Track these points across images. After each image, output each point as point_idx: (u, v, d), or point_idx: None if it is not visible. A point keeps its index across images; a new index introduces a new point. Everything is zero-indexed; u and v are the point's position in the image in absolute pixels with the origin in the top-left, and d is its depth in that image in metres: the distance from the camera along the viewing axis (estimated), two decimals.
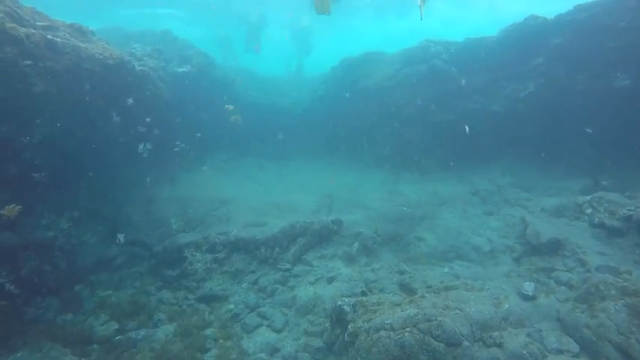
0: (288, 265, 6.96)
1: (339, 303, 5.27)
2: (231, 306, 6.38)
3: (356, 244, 7.59)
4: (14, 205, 5.56)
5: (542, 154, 9.23)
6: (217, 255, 7.13)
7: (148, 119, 7.94)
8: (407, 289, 6.07)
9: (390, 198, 9.31)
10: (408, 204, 8.89)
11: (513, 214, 7.86)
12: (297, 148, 13.33)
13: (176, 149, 9.85)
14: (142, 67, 7.80)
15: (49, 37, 5.42)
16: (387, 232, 7.93)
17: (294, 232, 7.39)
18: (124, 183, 8.47)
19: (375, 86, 11.58)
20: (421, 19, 6.45)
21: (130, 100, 7.42)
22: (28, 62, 4.96)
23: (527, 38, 9.62)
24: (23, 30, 4.98)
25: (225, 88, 12.76)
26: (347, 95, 12.46)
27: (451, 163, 10.63)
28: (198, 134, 10.95)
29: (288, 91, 15.12)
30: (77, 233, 7.30)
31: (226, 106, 10.32)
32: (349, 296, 5.68)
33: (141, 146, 8.55)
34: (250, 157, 12.72)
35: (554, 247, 5.96)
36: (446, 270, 6.55)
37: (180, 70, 10.88)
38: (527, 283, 5.25)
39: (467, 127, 10.25)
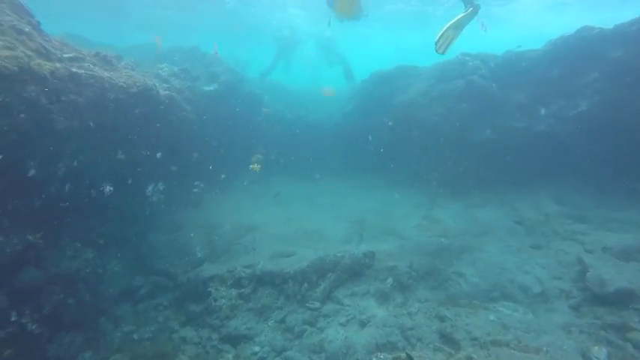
0: (317, 304, 6.50)
1: None
2: (257, 348, 5.99)
3: (390, 280, 7.03)
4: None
5: (598, 179, 8.35)
6: (243, 290, 6.77)
7: (175, 143, 7.74)
8: (449, 340, 5.46)
9: (425, 225, 8.69)
10: (445, 233, 8.24)
11: (566, 250, 7.07)
12: (326, 166, 12.92)
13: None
14: (167, 92, 7.61)
15: (73, 69, 5.25)
16: (423, 266, 7.32)
17: (324, 266, 6.93)
18: (148, 208, 8.32)
19: (408, 102, 11.00)
20: (443, 54, 5.70)
21: (157, 125, 7.24)
22: (52, 98, 4.77)
23: (579, 51, 8.77)
24: (48, 66, 4.82)
25: (253, 103, 12.55)
26: (378, 111, 11.95)
27: (491, 187, 9.90)
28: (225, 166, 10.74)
29: (317, 105, 14.76)
30: (102, 262, 7.16)
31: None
32: (385, 350, 5.15)
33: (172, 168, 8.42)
34: (277, 176, 12.41)
35: (625, 299, 5.19)
36: (492, 317, 5.88)
37: (208, 88, 10.71)
38: (596, 347, 4.53)
39: (508, 147, 9.52)
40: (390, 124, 11.25)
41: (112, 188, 6.57)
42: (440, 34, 5.30)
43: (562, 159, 9.06)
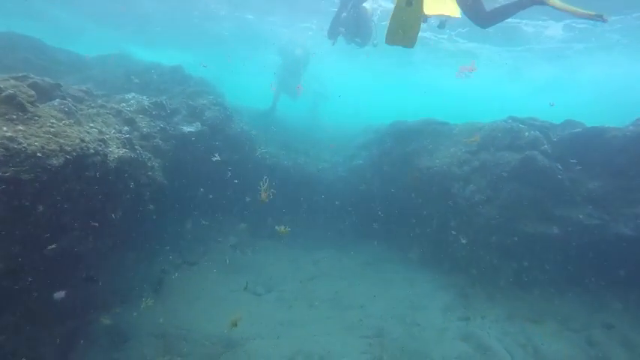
0: None
1: None
2: None
3: None
4: None
5: None
6: None
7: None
8: None
9: (469, 353, 6.33)
10: None
11: None
12: (326, 231, 10.52)
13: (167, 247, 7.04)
14: (124, 151, 5.04)
15: None
16: None
17: None
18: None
19: (438, 170, 8.82)
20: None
21: (100, 197, 4.66)
22: None
23: None
24: None
25: (243, 147, 10.07)
26: (397, 172, 9.74)
27: (538, 290, 7.76)
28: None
29: (319, 149, 12.41)
30: None
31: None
32: None
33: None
34: (266, 240, 9.89)
35: None
36: None
37: (188, 129, 8.18)
38: None
39: (568, 246, 7.42)
40: (412, 194, 9.02)
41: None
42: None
43: None
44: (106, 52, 12.83)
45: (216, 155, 8.13)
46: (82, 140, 4.12)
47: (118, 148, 5.09)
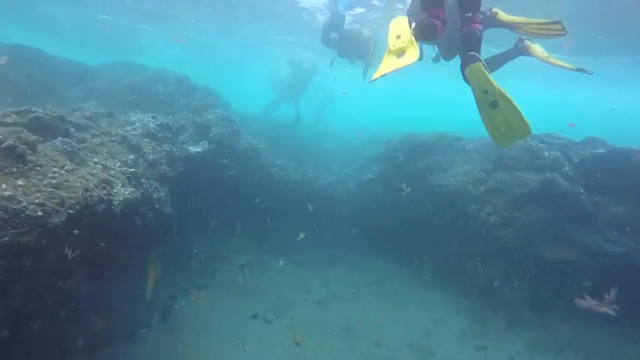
0: None
1: None
2: None
3: None
4: None
5: None
6: None
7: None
8: None
9: None
10: None
11: None
12: (337, 248, 10.30)
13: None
14: (130, 191, 4.81)
15: None
16: None
17: None
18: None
19: (454, 188, 8.52)
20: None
21: (102, 244, 4.44)
22: None
23: None
24: None
25: (251, 162, 9.82)
26: (409, 189, 9.45)
27: (570, 321, 7.44)
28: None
29: (328, 161, 12.14)
30: None
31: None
32: None
33: None
34: (275, 257, 9.67)
35: None
36: None
37: (195, 150, 7.95)
38: None
39: (589, 272, 7.14)
40: (425, 208, 8.75)
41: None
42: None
43: None
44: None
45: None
46: (86, 189, 3.89)
47: (124, 186, 4.86)
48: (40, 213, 3.35)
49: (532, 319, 7.65)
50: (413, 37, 3.06)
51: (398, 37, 3.10)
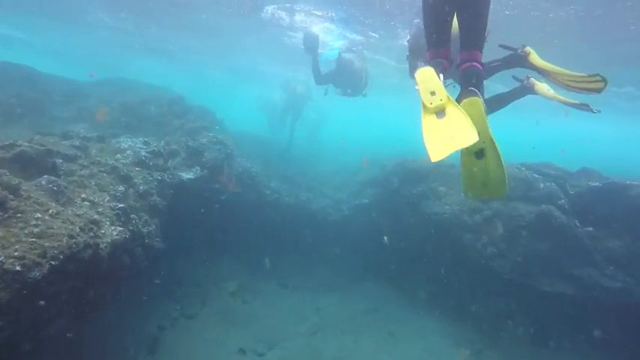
0: None
1: None
2: None
3: None
4: None
5: None
6: None
7: None
8: None
9: None
10: None
11: None
12: (331, 273, 10.14)
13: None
14: (118, 231, 4.63)
15: None
16: None
17: None
18: None
19: (449, 217, 8.44)
20: None
21: (91, 292, 4.24)
22: None
23: None
24: None
25: (245, 187, 9.66)
26: (403, 214, 9.39)
27: (569, 356, 7.34)
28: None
29: (321, 183, 12.03)
30: None
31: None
32: None
33: None
34: (267, 283, 9.47)
35: None
36: None
37: (187, 176, 7.78)
38: None
39: (585, 307, 7.06)
40: (420, 235, 8.66)
41: None
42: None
43: None
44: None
45: None
46: (71, 236, 3.71)
47: (112, 225, 4.68)
48: (18, 268, 3.17)
49: (530, 352, 7.54)
50: (448, 95, 2.80)
51: (432, 93, 2.78)
